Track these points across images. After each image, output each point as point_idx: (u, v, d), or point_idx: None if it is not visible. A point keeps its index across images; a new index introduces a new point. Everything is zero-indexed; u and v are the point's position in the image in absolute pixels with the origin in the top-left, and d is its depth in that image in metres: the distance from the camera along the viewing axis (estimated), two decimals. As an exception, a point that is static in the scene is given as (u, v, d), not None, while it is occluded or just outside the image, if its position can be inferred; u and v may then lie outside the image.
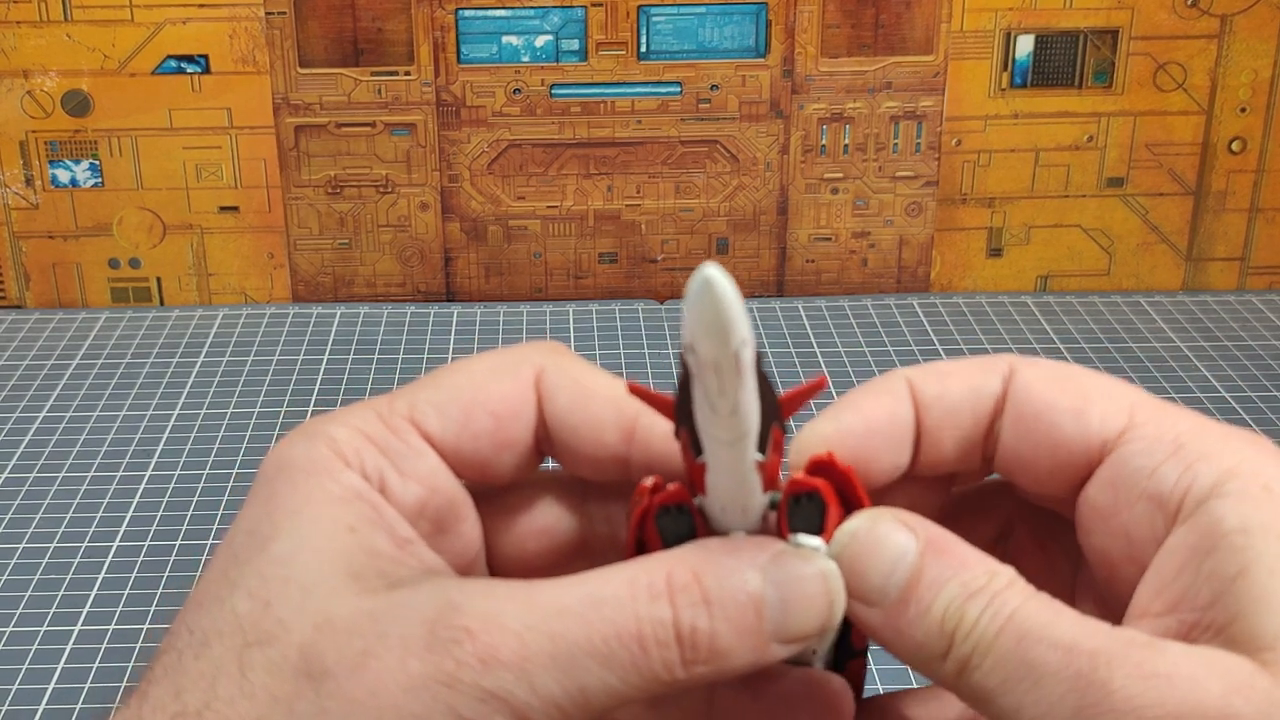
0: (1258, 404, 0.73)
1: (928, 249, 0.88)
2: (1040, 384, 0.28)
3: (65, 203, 0.85)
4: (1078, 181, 0.87)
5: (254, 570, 0.26)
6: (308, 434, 0.28)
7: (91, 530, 0.61)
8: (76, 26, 0.81)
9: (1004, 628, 0.24)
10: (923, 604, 0.25)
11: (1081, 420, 0.27)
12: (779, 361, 0.78)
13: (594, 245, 0.87)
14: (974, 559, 0.25)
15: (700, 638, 0.25)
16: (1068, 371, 0.28)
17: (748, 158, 0.86)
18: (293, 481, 0.27)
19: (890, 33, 0.83)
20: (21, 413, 0.72)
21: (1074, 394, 0.27)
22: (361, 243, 0.87)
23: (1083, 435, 0.26)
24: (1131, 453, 0.26)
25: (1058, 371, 0.28)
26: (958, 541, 0.26)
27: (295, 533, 0.27)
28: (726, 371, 0.23)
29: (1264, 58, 0.85)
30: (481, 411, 0.29)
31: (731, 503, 0.26)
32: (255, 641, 0.25)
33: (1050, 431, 0.27)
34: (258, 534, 0.27)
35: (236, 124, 0.84)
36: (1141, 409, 0.26)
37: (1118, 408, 0.27)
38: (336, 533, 0.27)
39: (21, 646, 0.54)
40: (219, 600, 0.26)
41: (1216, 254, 0.89)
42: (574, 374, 0.29)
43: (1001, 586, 0.25)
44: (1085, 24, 0.84)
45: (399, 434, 0.28)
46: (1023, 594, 0.25)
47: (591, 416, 0.29)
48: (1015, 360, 0.28)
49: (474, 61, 0.83)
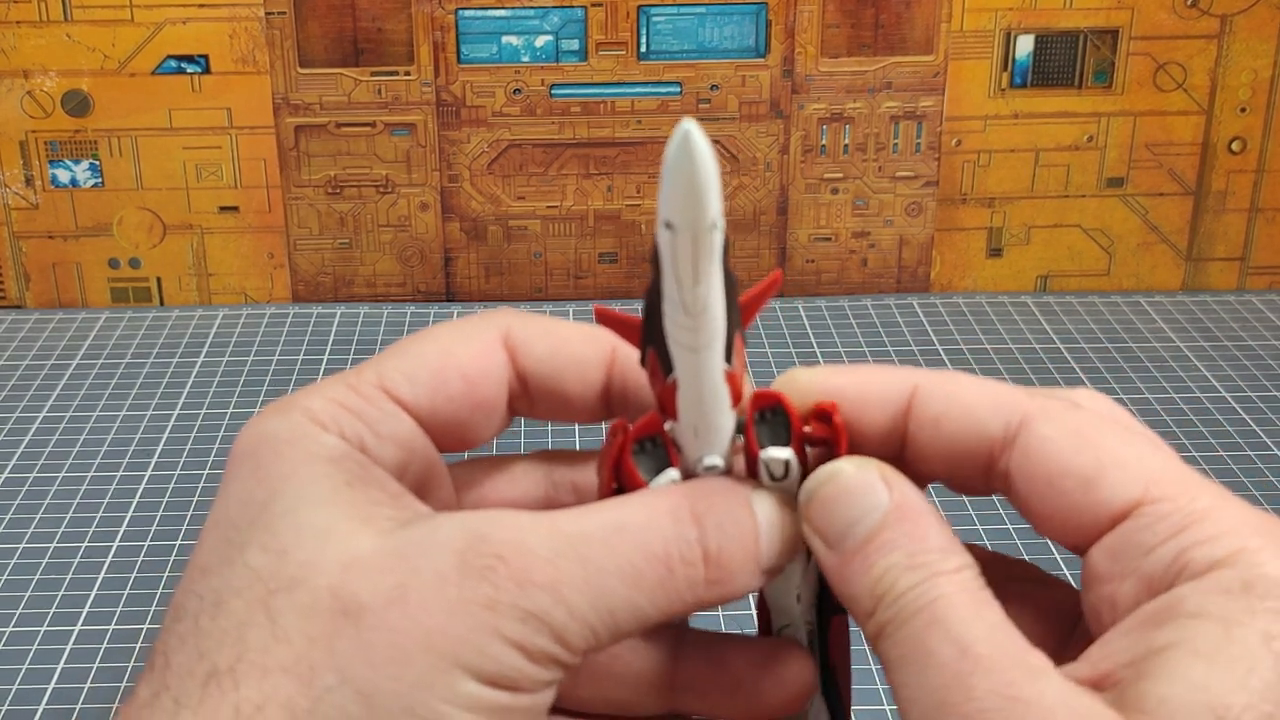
0: (1258, 404, 0.73)
1: (928, 249, 0.88)
2: (1053, 444, 0.26)
3: (65, 203, 0.85)
4: (1078, 181, 0.87)
5: (261, 528, 0.26)
6: (281, 409, 0.28)
7: (91, 530, 0.61)
8: (76, 26, 0.81)
9: (924, 609, 0.25)
10: (868, 560, 0.26)
11: (1092, 492, 0.26)
12: (779, 362, 0.78)
13: (594, 245, 0.87)
14: (935, 535, 0.26)
15: (724, 558, 0.26)
16: (1085, 430, 0.26)
17: (748, 158, 0.86)
18: (276, 450, 0.27)
19: (890, 33, 0.83)
20: (21, 413, 0.72)
21: (1088, 460, 0.26)
22: (361, 243, 0.87)
23: (1091, 507, 0.26)
24: (1136, 528, 0.25)
25: (1074, 429, 0.26)
26: (929, 513, 0.26)
27: (294, 491, 0.27)
28: (702, 252, 0.24)
29: (1264, 58, 0.85)
30: (453, 374, 0.29)
31: (703, 421, 0.27)
32: (279, 589, 0.25)
33: (1058, 498, 0.26)
34: (253, 500, 0.27)
35: (236, 124, 0.84)
36: (1157, 485, 0.25)
37: (1132, 480, 0.26)
38: (336, 487, 0.27)
39: (21, 646, 0.54)
40: (228, 562, 0.26)
41: (1216, 254, 0.89)
42: (543, 325, 0.30)
43: (945, 570, 0.25)
44: (1085, 24, 0.84)
45: (372, 401, 0.29)
46: (958, 584, 0.25)
47: (572, 356, 0.30)
48: (1031, 410, 0.27)
49: (474, 61, 0.83)
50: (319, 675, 0.24)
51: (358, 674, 0.24)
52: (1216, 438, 0.69)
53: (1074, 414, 0.27)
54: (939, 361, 0.78)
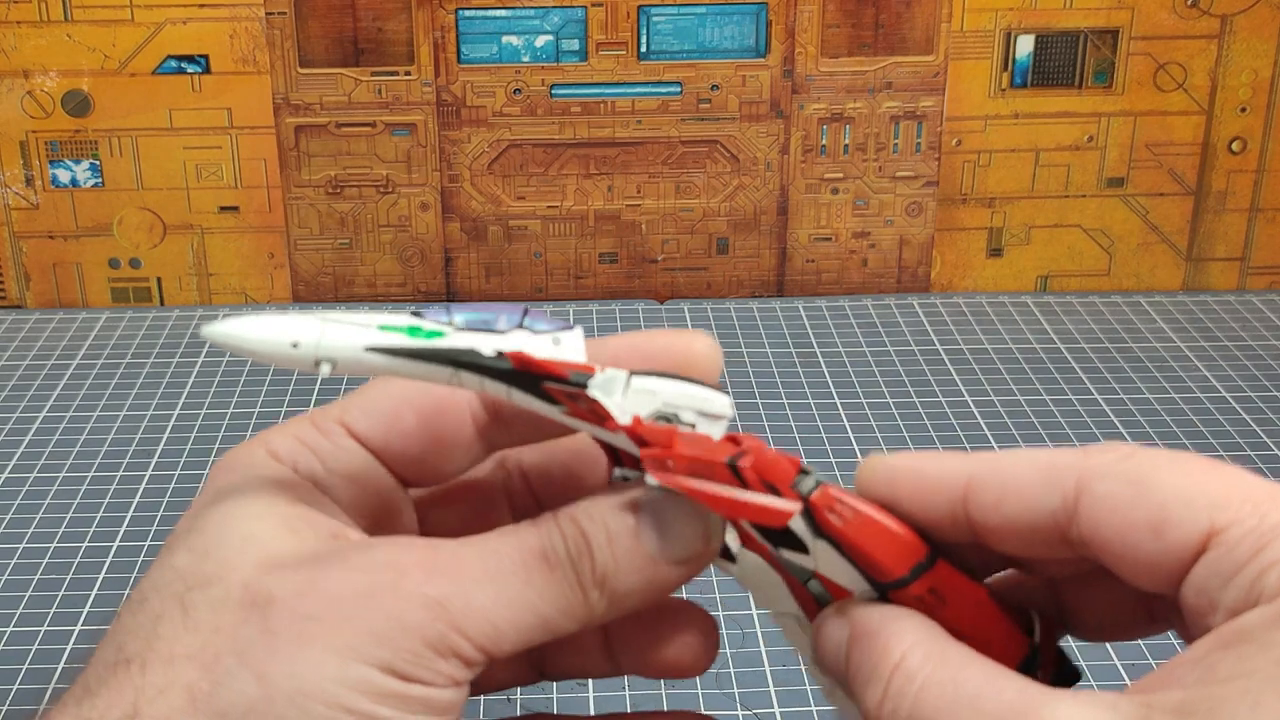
0: (1258, 404, 0.73)
1: (928, 249, 0.88)
2: (1112, 501, 0.26)
3: (65, 203, 0.85)
4: (1078, 181, 0.87)
5: (193, 532, 0.28)
6: (249, 442, 0.31)
7: (91, 530, 0.61)
8: (77, 26, 0.81)
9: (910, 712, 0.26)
10: (855, 692, 0.27)
11: (1162, 537, 0.25)
12: (779, 362, 0.78)
13: (594, 245, 0.87)
14: (884, 646, 0.27)
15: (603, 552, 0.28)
16: (1142, 475, 0.26)
17: (748, 158, 0.86)
18: (230, 470, 0.30)
19: (890, 33, 0.83)
20: (21, 413, 0.72)
21: (1151, 506, 0.25)
22: (362, 243, 0.87)
23: (1167, 552, 0.25)
24: (1214, 559, 0.25)
25: (1130, 479, 0.26)
26: (878, 623, 0.27)
27: (229, 503, 0.28)
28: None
29: (1264, 58, 0.85)
30: (407, 410, 0.30)
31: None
32: (196, 585, 0.27)
33: (1133, 552, 0.26)
34: (201, 517, 0.29)
35: (236, 124, 0.84)
36: (1224, 510, 0.25)
37: (1198, 513, 0.25)
38: (272, 503, 0.28)
39: (21, 646, 0.54)
40: (158, 563, 0.28)
41: (1216, 254, 0.89)
42: None
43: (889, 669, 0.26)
44: (1085, 24, 0.84)
45: (329, 435, 0.30)
46: (918, 679, 0.26)
47: None
48: (1085, 471, 0.26)
49: (474, 61, 0.83)
50: (221, 661, 0.26)
51: (257, 658, 0.25)
52: (1216, 438, 0.69)
53: (1127, 462, 0.26)
54: (939, 362, 0.78)
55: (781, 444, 0.68)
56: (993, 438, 0.69)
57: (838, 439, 0.69)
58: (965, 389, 0.74)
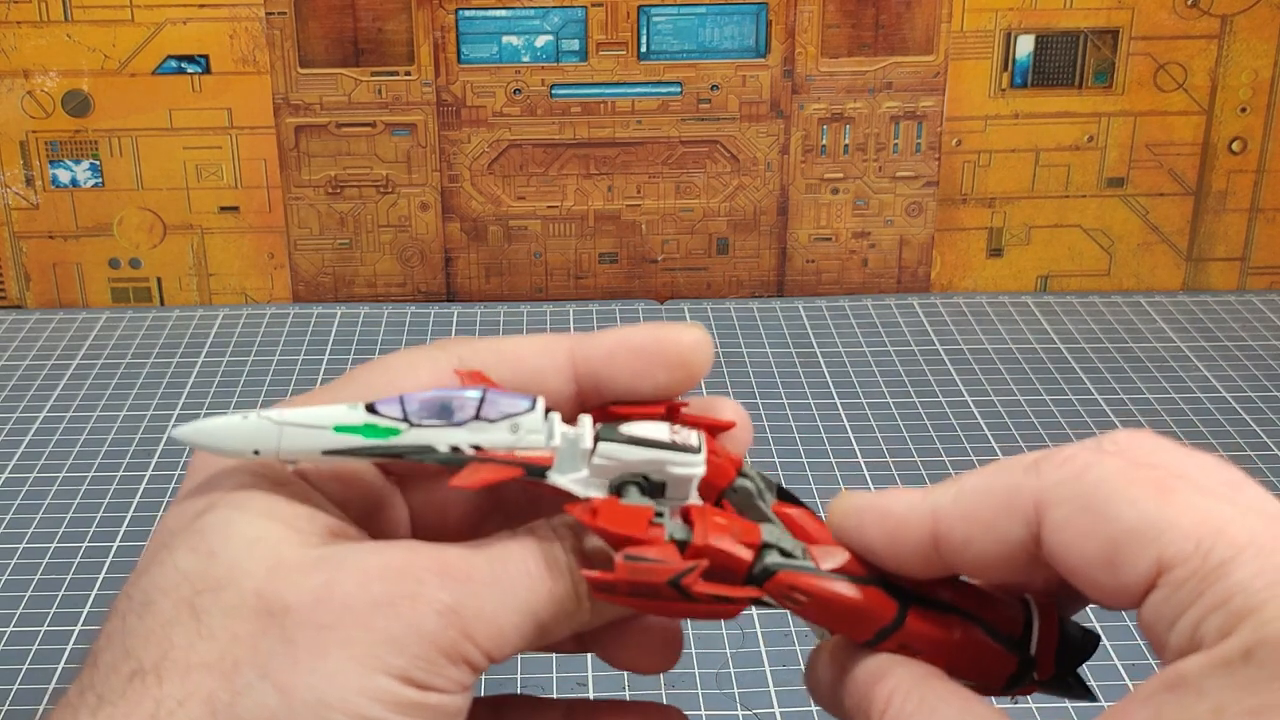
0: (1258, 404, 0.73)
1: (928, 249, 0.88)
2: (1066, 533, 0.26)
3: (65, 203, 0.85)
4: (1078, 181, 0.87)
5: (193, 532, 0.27)
6: None
7: (91, 530, 0.61)
8: (77, 26, 0.81)
9: None
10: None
11: (1114, 573, 0.25)
12: (779, 362, 0.78)
13: (594, 245, 0.87)
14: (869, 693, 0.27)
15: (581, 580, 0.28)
16: (1093, 502, 0.25)
17: (748, 158, 0.86)
18: (223, 467, 0.29)
19: (890, 33, 0.83)
20: (21, 413, 0.72)
21: (1101, 541, 0.25)
22: (362, 243, 0.87)
23: (1119, 588, 0.25)
24: (1160, 601, 0.25)
25: (1082, 506, 0.26)
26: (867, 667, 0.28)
27: (228, 502, 0.28)
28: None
29: (1264, 58, 0.85)
30: None
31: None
32: (205, 589, 0.26)
33: (1089, 582, 0.26)
34: (190, 510, 0.28)
35: (236, 124, 0.84)
36: (1171, 547, 0.24)
37: (1145, 552, 0.25)
38: (271, 503, 0.28)
39: (21, 646, 0.54)
40: (159, 563, 0.27)
41: (1216, 254, 0.89)
42: (494, 346, 0.31)
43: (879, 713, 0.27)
44: (1085, 24, 0.84)
45: None
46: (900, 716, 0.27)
47: (532, 371, 0.30)
48: (1041, 495, 0.26)
49: (474, 61, 0.83)
50: (240, 671, 0.25)
51: (278, 669, 0.25)
52: (1216, 438, 0.69)
53: (1080, 483, 0.26)
54: (939, 362, 0.78)
55: (781, 444, 0.68)
56: (992, 438, 0.69)
57: (838, 439, 0.69)
58: (965, 389, 0.74)
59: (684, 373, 0.30)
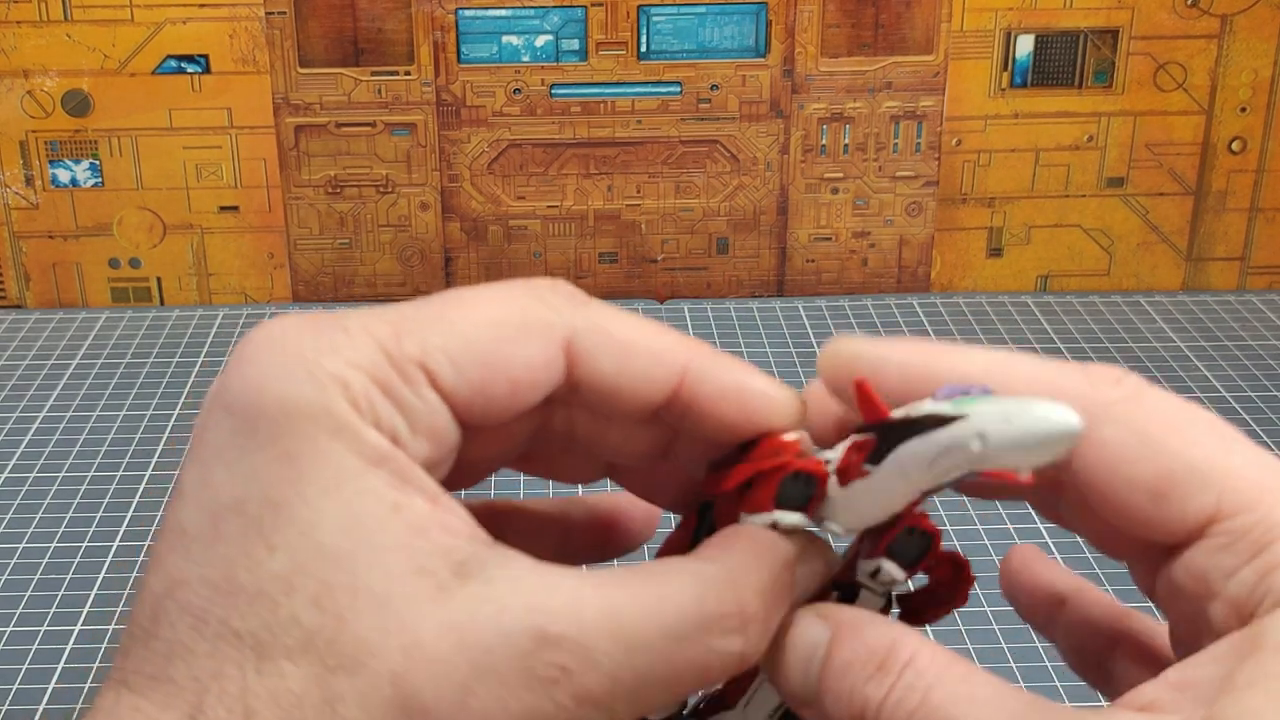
0: (1258, 404, 0.73)
1: (928, 249, 0.88)
2: (1117, 451, 0.24)
3: (65, 203, 0.85)
4: (1078, 181, 0.87)
5: (305, 567, 0.23)
6: (308, 370, 0.24)
7: (91, 530, 0.61)
8: (76, 26, 0.81)
9: (913, 715, 0.24)
10: (835, 693, 0.25)
11: (1162, 506, 0.24)
12: (779, 361, 0.78)
13: (594, 245, 0.87)
14: (877, 638, 0.25)
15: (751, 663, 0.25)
16: (1152, 430, 0.24)
17: (748, 158, 0.86)
18: (315, 442, 0.24)
19: (890, 33, 0.83)
20: (21, 413, 0.72)
21: (1157, 468, 0.24)
22: (361, 243, 0.87)
23: (1162, 523, 0.24)
24: (1215, 547, 0.24)
25: (1139, 429, 0.24)
26: (870, 622, 0.26)
27: (343, 521, 0.23)
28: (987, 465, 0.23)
29: (1264, 58, 0.85)
30: (502, 378, 0.26)
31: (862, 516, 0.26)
32: (338, 667, 0.23)
33: (1124, 512, 0.24)
34: (288, 509, 0.24)
35: (236, 124, 0.84)
36: (1234, 493, 0.23)
37: (1206, 490, 0.24)
38: (385, 517, 0.24)
39: (21, 646, 0.54)
40: (267, 598, 0.23)
41: (1216, 254, 0.89)
42: (612, 331, 0.27)
43: (900, 665, 0.25)
44: (1085, 24, 0.84)
45: (412, 384, 0.25)
46: (928, 676, 0.24)
47: (637, 378, 0.27)
48: (1090, 405, 0.24)
49: (474, 61, 0.83)
50: None
51: None
52: (1217, 438, 0.69)
53: (1137, 408, 0.24)
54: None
55: (781, 444, 0.68)
56: (993, 438, 0.69)
57: (838, 439, 0.69)
58: (965, 389, 0.74)
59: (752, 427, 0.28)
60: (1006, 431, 0.22)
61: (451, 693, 0.23)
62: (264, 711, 0.22)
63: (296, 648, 0.23)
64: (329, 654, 0.23)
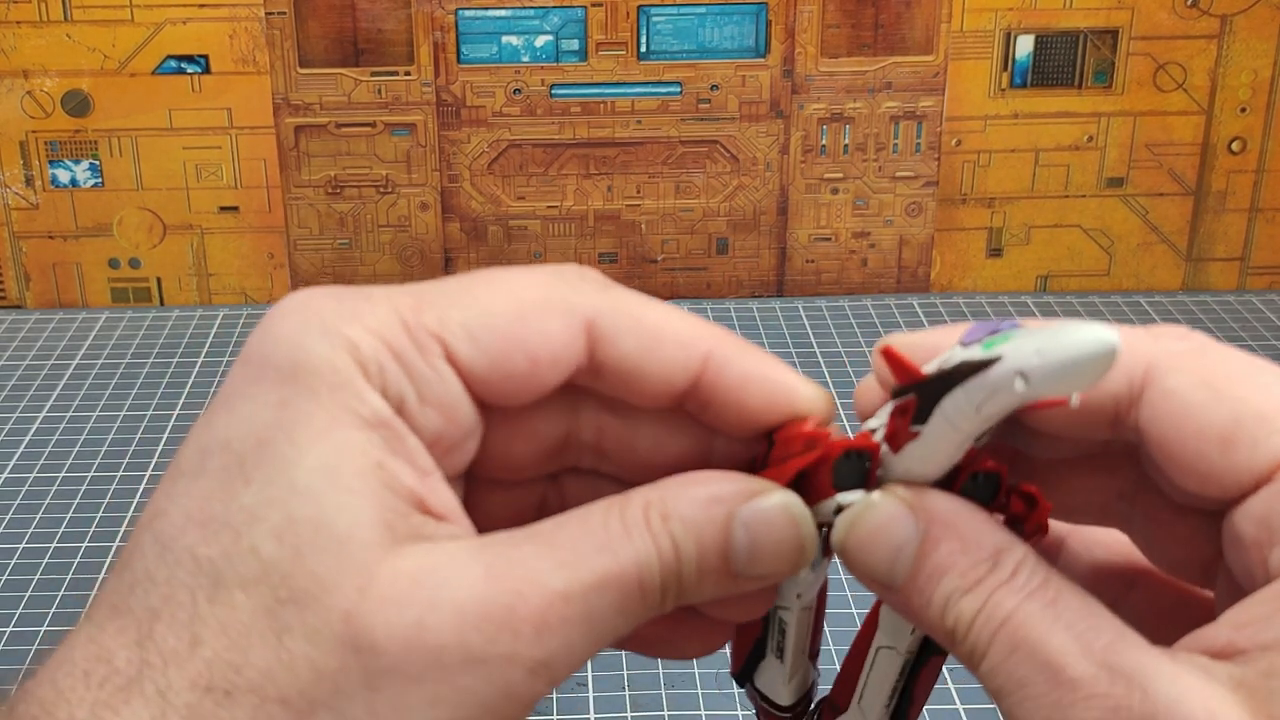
0: (1258, 404, 0.73)
1: (928, 249, 0.88)
2: (1183, 399, 0.24)
3: (65, 203, 0.85)
4: (1078, 181, 0.87)
5: (274, 501, 0.24)
6: (324, 330, 0.25)
7: (91, 530, 0.61)
8: (76, 26, 0.81)
9: (998, 633, 0.24)
10: (924, 595, 0.25)
11: (1230, 452, 0.24)
12: (779, 361, 0.78)
13: (594, 245, 0.87)
14: (976, 545, 0.24)
15: (674, 581, 0.25)
16: (1218, 379, 0.24)
17: (748, 158, 0.86)
18: (314, 393, 0.24)
19: (890, 33, 0.83)
20: (21, 413, 0.72)
21: (1224, 415, 0.24)
22: (361, 243, 0.87)
23: (1230, 469, 0.24)
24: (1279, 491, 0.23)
25: (1205, 379, 0.24)
26: (970, 521, 0.25)
27: (322, 464, 0.24)
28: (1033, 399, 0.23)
29: (1264, 58, 0.85)
30: (520, 354, 0.26)
31: (923, 475, 0.26)
32: (289, 599, 0.23)
33: (1192, 459, 0.24)
34: (272, 448, 0.24)
35: (236, 124, 0.84)
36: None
37: (1271, 439, 0.23)
38: (366, 469, 0.24)
39: (21, 646, 0.54)
40: (231, 529, 0.23)
41: (1216, 254, 0.89)
42: (636, 314, 0.27)
43: (1000, 581, 0.24)
44: (1085, 24, 0.84)
45: (426, 354, 0.25)
46: (1022, 591, 0.24)
47: (660, 360, 0.27)
48: (1156, 358, 0.25)
49: (474, 61, 0.83)
50: (316, 715, 0.23)
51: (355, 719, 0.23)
52: (1216, 438, 0.69)
53: (1203, 359, 0.25)
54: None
55: (781, 444, 0.68)
56: (992, 438, 0.69)
57: (837, 439, 0.69)
58: (965, 389, 0.74)
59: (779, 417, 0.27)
60: (1045, 363, 0.22)
61: (404, 629, 0.23)
62: (211, 640, 0.23)
63: (251, 578, 0.23)
64: (282, 586, 0.23)
